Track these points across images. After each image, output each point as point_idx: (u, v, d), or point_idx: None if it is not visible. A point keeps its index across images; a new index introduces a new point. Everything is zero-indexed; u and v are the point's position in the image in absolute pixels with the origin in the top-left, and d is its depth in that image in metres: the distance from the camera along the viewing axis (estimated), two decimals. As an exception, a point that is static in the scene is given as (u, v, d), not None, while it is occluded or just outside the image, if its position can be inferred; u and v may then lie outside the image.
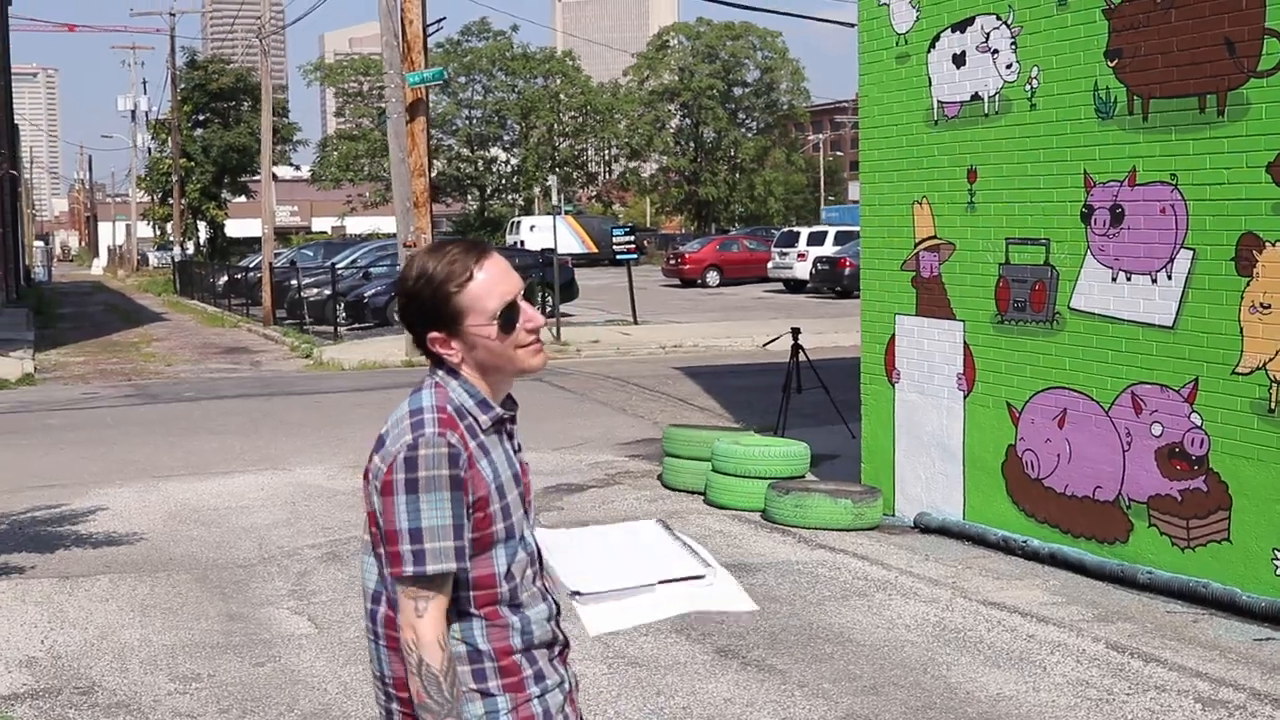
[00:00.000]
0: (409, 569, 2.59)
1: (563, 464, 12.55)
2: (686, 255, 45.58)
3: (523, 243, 53.03)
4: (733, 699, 6.09)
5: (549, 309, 26.52)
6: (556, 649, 2.86)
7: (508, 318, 2.71)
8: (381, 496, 2.64)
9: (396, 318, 25.00)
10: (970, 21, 8.99)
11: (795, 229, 41.84)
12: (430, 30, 25.12)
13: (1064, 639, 6.91)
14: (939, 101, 9.33)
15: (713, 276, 44.34)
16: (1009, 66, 8.68)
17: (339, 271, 33.32)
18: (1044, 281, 8.52)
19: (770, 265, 41.32)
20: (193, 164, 62.19)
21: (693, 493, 10.94)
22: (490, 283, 2.71)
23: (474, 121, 75.94)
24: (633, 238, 28.99)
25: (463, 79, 74.56)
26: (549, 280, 27.11)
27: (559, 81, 75.40)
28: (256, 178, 79.13)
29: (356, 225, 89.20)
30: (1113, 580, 7.94)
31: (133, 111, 72.05)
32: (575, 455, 13.02)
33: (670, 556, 2.96)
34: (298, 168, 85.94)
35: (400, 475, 2.60)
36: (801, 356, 13.90)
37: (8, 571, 8.77)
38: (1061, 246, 8.36)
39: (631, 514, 10.30)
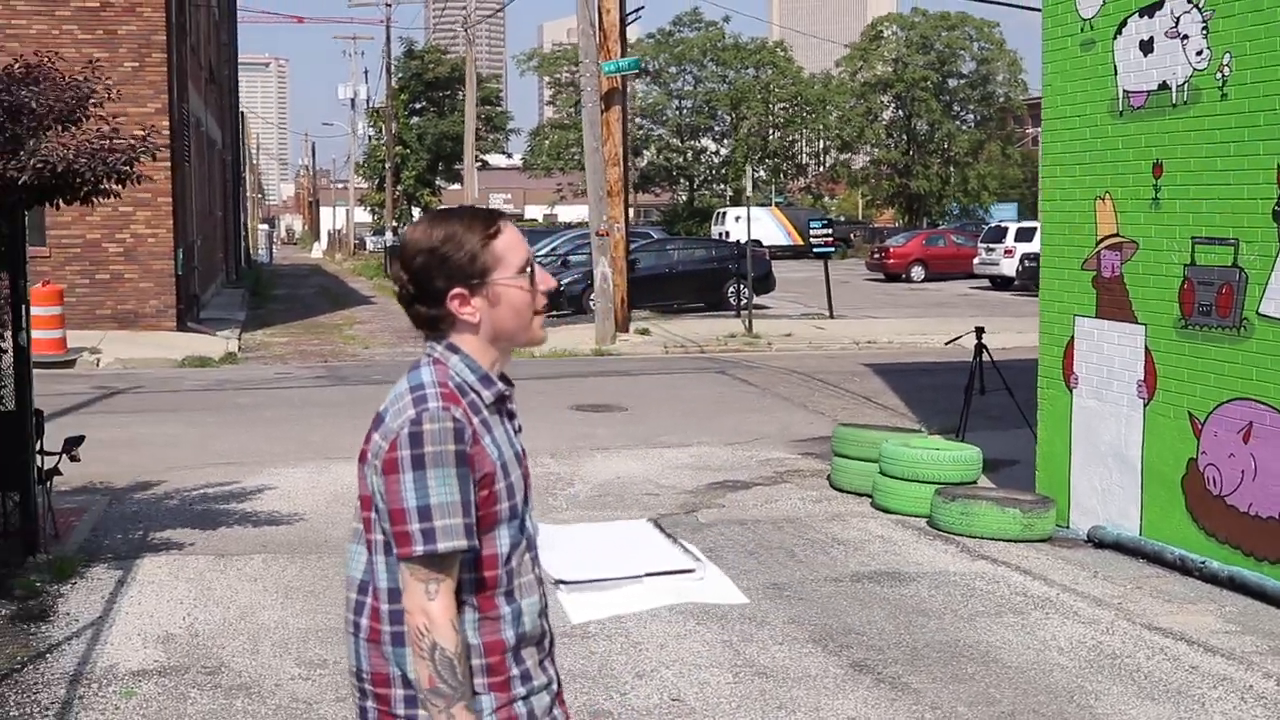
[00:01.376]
0: (419, 548, 2.49)
1: (732, 460, 12.31)
2: (891, 249, 44.73)
3: (727, 233, 52.77)
4: (857, 718, 5.77)
5: (743, 301, 26.24)
6: (546, 646, 2.75)
7: (532, 274, 2.68)
8: (384, 475, 2.54)
9: (592, 305, 25.14)
10: (1159, 5, 8.43)
11: (1003, 224, 40.65)
12: (630, 19, 25.11)
13: (1230, 672, 6.39)
14: (1124, 91, 8.78)
15: (917, 271, 43.41)
16: (1199, 53, 8.11)
17: (540, 259, 33.68)
18: (1231, 284, 7.94)
19: (976, 261, 40.24)
20: (408, 151, 63.74)
21: (860, 495, 10.59)
22: (514, 240, 2.69)
23: (684, 112, 75.98)
24: (830, 230, 28.51)
25: (674, 69, 74.66)
26: (744, 271, 26.82)
27: (770, 72, 74.90)
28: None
29: (568, 213, 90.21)
30: (1296, 609, 7.36)
31: (352, 100, 74.19)
32: (747, 451, 12.77)
33: (660, 551, 2.80)
34: (510, 156, 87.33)
35: (405, 452, 2.51)
36: (985, 357, 13.39)
37: (168, 547, 8.95)
38: (1251, 247, 7.77)
39: (794, 514, 10.03)
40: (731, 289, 29.19)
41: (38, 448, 8.79)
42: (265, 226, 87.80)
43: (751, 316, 24.86)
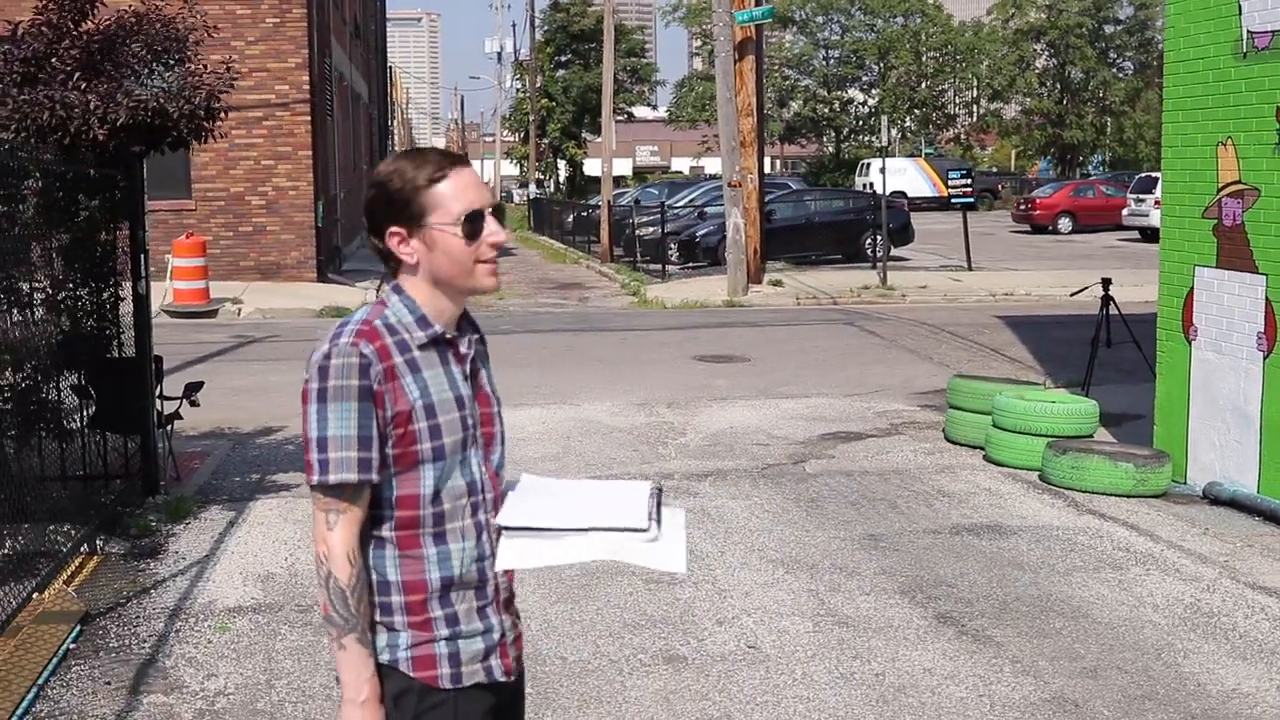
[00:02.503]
0: (315, 477, 2.56)
1: (848, 411, 12.21)
2: (1037, 200, 43.70)
3: (871, 185, 52.12)
4: (933, 669, 5.71)
5: (879, 252, 25.93)
6: (490, 593, 2.72)
7: (472, 224, 2.63)
8: (302, 406, 2.61)
9: (726, 257, 25.06)
10: (1284, -59, 8.07)
11: (1153, 174, 39.42)
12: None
13: (1332, 632, 6.18)
14: (1249, 32, 8.44)
15: (1065, 223, 42.37)
16: (1325, -9, 7.75)
17: (676, 210, 33.69)
18: (1354, 232, 7.61)
19: (1125, 212, 39.11)
20: (553, 104, 64.02)
21: (974, 448, 10.43)
22: (460, 187, 2.64)
23: (831, 62, 75.07)
24: (969, 181, 27.93)
25: (820, 19, 73.75)
26: (881, 223, 26.45)
27: (919, 20, 73.54)
28: (617, 118, 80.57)
29: (714, 165, 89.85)
30: None
31: (499, 53, 74.74)
32: (864, 403, 12.65)
33: (625, 510, 2.71)
34: (655, 108, 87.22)
35: (314, 384, 2.57)
36: (1113, 309, 13.06)
37: (282, 490, 9.18)
38: (1376, 193, 7.45)
39: (904, 466, 9.92)
40: (869, 240, 28.84)
41: (157, 393, 9.07)
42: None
43: (886, 268, 24.54)
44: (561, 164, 67.19)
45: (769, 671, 5.69)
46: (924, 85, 76.03)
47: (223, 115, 8.40)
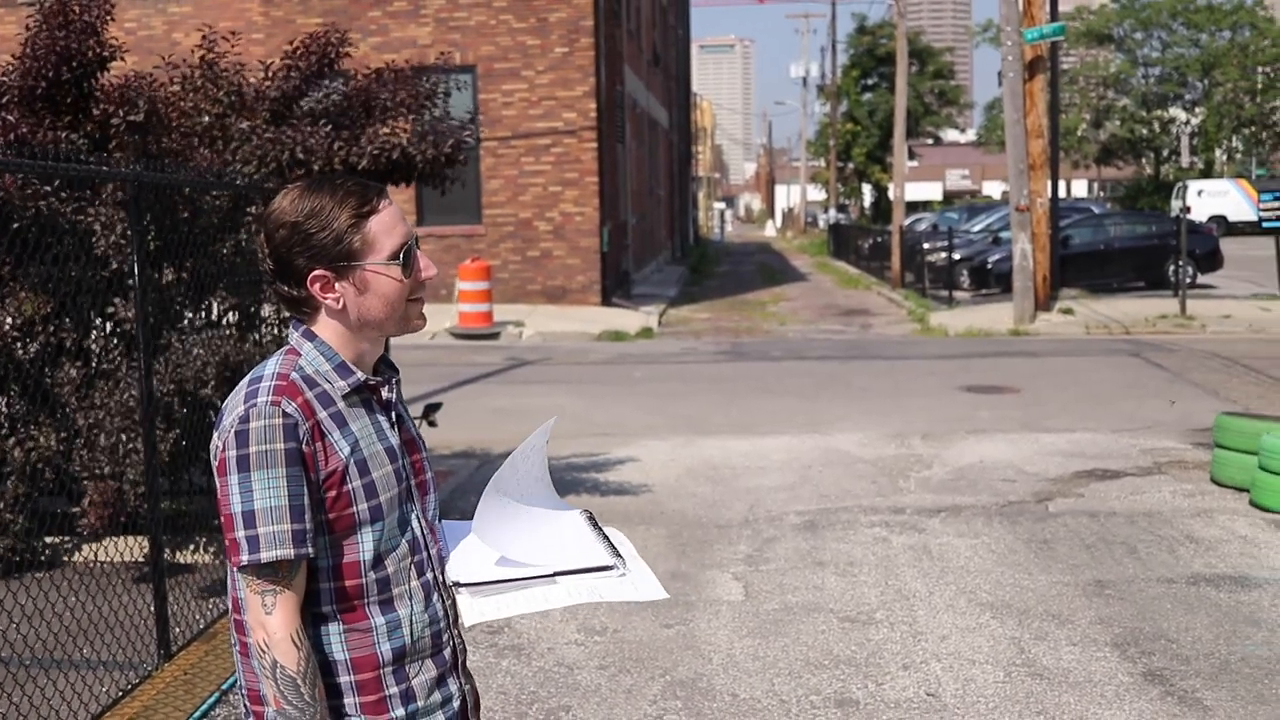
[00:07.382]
0: (244, 557, 2.29)
1: (1110, 447, 11.59)
2: (1372, 225, 40.69)
3: (1187, 208, 49.71)
4: (1121, 732, 5.32)
5: (1182, 279, 24.63)
6: (446, 658, 2.52)
7: (407, 262, 2.44)
8: (218, 478, 2.34)
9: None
10: None
11: None
12: (1060, -16, 23.99)
13: None
14: None
15: (1403, 249, 39.27)
16: None
17: (970, 236, 32.94)
18: None
19: None
20: (859, 128, 63.57)
21: (1241, 490, 9.74)
22: (390, 221, 2.43)
23: (1151, 80, 72.00)
24: (1282, 204, 26.19)
25: (1139, 35, 70.86)
26: (1190, 249, 25.06)
27: (1248, 34, 69.70)
28: (924, 141, 79.34)
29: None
30: None
31: (804, 78, 74.77)
32: (1131, 439, 11.99)
33: (582, 547, 2.57)
34: (963, 131, 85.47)
35: (232, 452, 2.31)
36: None
37: (511, 512, 9.32)
38: None
39: (1156, 509, 9.35)
40: (1174, 267, 27.44)
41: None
42: (721, 205, 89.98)
43: (1186, 296, 23.29)
44: (866, 188, 66.62)
45: (941, 722, 5.42)
46: (1253, 102, 72.00)
47: (462, 160, 8.73)
